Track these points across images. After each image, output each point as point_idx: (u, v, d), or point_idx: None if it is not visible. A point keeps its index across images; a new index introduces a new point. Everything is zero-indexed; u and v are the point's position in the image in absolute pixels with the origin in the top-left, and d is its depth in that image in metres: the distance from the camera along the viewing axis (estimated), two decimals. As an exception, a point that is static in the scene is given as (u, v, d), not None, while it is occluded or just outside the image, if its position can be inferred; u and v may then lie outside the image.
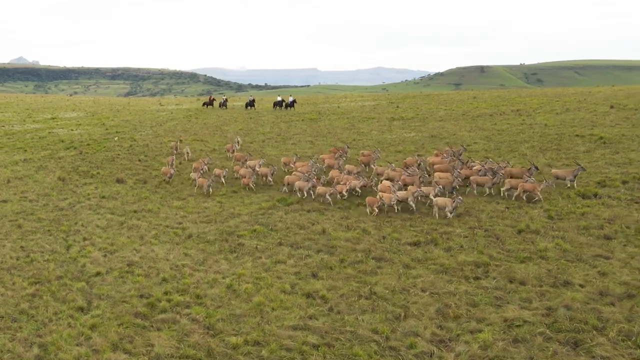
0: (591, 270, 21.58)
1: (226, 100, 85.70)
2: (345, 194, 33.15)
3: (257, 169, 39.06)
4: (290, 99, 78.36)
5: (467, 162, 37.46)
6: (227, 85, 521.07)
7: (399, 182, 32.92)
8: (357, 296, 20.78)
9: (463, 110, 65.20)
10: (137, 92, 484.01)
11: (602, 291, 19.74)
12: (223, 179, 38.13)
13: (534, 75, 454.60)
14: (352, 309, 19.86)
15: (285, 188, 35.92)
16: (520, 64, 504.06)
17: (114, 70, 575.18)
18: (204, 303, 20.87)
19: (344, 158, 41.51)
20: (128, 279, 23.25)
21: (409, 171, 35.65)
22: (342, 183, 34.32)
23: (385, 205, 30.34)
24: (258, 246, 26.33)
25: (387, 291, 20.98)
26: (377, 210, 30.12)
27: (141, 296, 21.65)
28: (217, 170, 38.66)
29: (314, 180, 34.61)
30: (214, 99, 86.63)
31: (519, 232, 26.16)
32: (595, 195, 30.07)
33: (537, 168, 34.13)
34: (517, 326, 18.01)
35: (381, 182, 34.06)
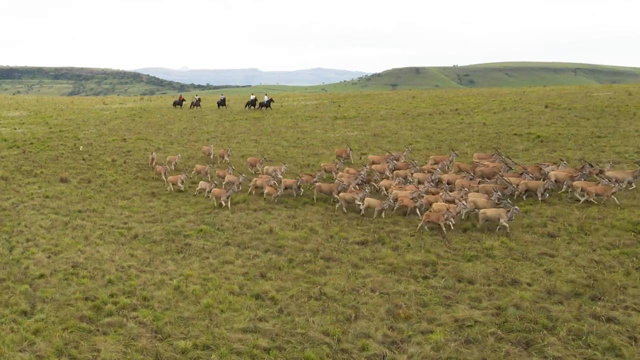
0: (538, 269, 21.18)
1: (199, 100, 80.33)
2: (418, 212, 28.04)
3: (279, 177, 34.84)
4: (266, 98, 74.10)
5: (540, 165, 33.32)
6: (170, 85, 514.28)
7: (465, 189, 29.73)
8: (307, 297, 19.98)
9: (403, 109, 64.97)
10: (81, 91, 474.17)
11: (549, 290, 19.33)
12: (238, 187, 33.75)
13: (466, 76, 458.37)
14: (302, 311, 19.05)
15: (315, 193, 32.29)
16: (454, 66, 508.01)
17: (57, 69, 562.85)
18: (151, 305, 19.83)
19: (394, 163, 36.47)
20: (73, 281, 22.05)
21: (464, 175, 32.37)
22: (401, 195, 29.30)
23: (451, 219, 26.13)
24: (205, 246, 25.35)
25: (337, 292, 20.22)
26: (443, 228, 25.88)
27: (86, 299, 20.49)
28: (229, 177, 34.77)
29: (366, 189, 30.11)
30: (183, 99, 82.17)
31: (465, 230, 25.75)
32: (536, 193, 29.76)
33: (591, 165, 31.84)
34: (468, 326, 17.42)
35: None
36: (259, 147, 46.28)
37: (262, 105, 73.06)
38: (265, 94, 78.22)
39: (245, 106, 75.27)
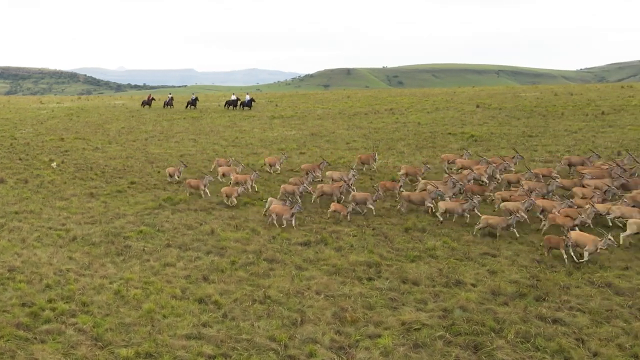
0: (481, 269, 20.53)
1: (172, 98, 75.31)
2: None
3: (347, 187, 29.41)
4: (247, 97, 70.68)
5: None
6: (107, 85, 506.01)
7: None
8: (251, 301, 18.82)
9: (339, 109, 64.64)
10: (17, 91, 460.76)
11: (494, 290, 18.66)
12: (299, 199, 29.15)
13: (395, 77, 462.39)
14: (247, 315, 17.92)
15: (403, 205, 27.58)
16: (383, 67, 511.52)
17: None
18: (91, 311, 18.42)
19: (492, 167, 31.65)
20: (9, 286, 20.42)
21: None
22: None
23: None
24: (145, 248, 23.92)
25: (282, 295, 19.13)
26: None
27: (23, 305, 18.93)
28: (286, 186, 30.24)
29: (476, 201, 25.75)
30: (153, 98, 77.35)
31: (406, 230, 24.95)
32: (476, 192, 29.20)
33: None
34: (415, 329, 16.55)
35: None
36: (198, 147, 45.07)
37: (243, 104, 69.76)
38: (247, 93, 74.86)
39: (225, 105, 71.38)
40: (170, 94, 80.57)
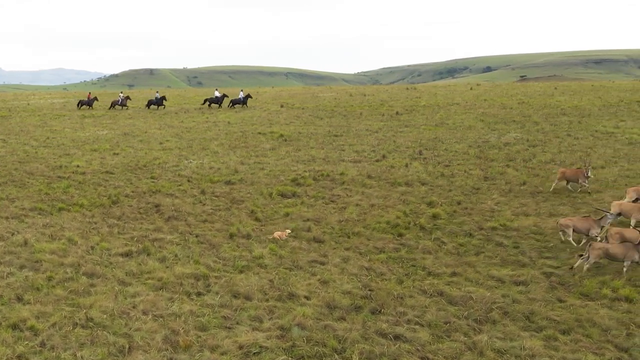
0: (312, 279, 17.89)
1: (126, 98, 62.47)
2: None
3: None
4: (241, 94, 59.37)
5: None
6: None
7: None
8: (72, 324, 14.97)
9: (151, 107, 60.58)
10: None
11: (329, 303, 16.07)
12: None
13: (195, 78, 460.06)
14: (68, 342, 14.11)
15: None
16: (184, 68, 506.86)
17: None
18: None
19: None
20: None
21: None
22: None
23: None
24: (-50, 265, 19.25)
25: (106, 316, 15.43)
26: None
27: None
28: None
29: None
30: (95, 98, 64.17)
31: (231, 236, 21.91)
32: (294, 194, 26.81)
33: None
34: (255, 354, 13.65)
35: None
36: (8, 148, 39.56)
37: (234, 103, 58.92)
38: (241, 90, 64.42)
39: (205, 102, 60.47)
40: (121, 92, 70.01)
